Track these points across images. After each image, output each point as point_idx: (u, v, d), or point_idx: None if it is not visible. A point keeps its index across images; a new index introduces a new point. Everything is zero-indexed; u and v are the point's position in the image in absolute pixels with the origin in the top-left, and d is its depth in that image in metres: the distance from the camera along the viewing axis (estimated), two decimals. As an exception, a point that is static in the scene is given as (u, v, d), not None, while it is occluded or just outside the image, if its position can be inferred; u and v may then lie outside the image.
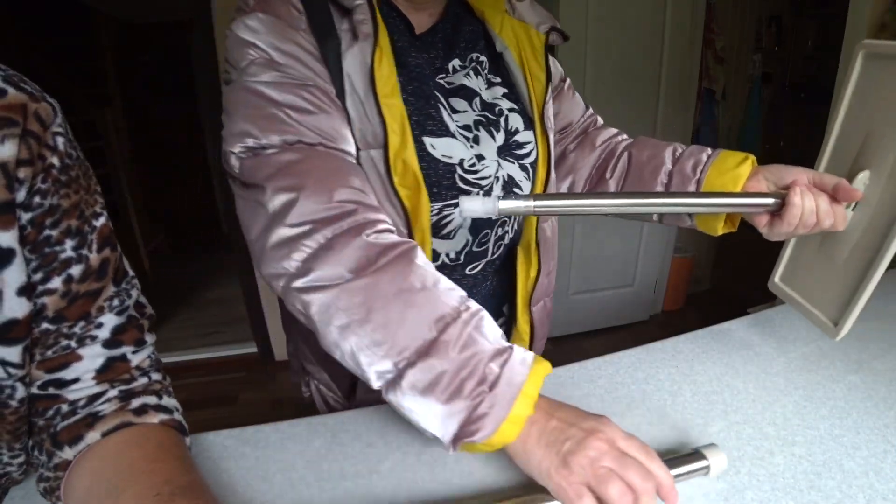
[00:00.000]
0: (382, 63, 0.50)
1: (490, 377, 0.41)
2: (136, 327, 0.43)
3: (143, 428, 0.40)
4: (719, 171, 0.59)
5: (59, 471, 0.38)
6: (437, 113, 0.55)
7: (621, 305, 2.57)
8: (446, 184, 0.55)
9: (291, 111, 0.47)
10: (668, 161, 0.65)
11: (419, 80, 0.55)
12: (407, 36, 0.58)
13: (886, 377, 0.62)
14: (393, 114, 0.50)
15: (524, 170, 0.62)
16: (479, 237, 0.61)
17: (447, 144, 0.55)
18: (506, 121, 0.61)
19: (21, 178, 0.33)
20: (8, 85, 0.33)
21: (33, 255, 0.35)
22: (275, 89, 0.47)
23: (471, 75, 0.60)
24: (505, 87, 0.63)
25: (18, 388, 0.36)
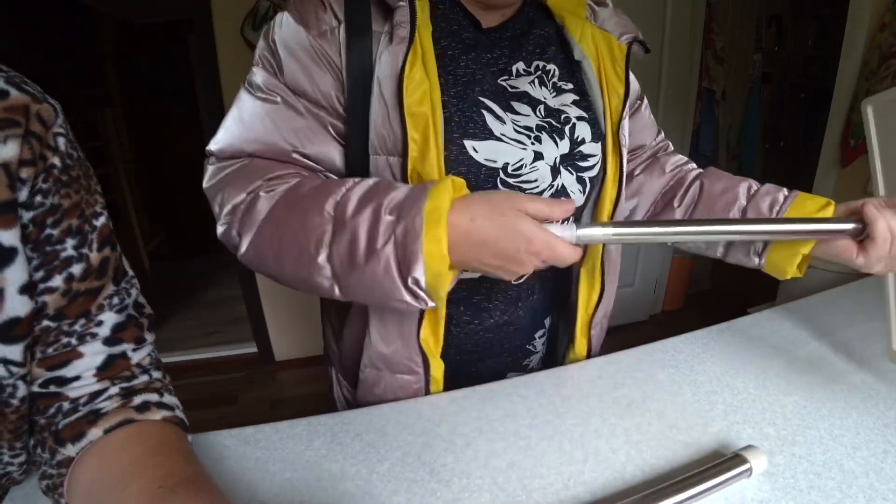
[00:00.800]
0: (415, 68, 0.49)
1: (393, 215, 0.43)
2: (136, 325, 0.43)
3: (146, 424, 0.40)
4: (799, 213, 0.56)
5: (61, 468, 0.39)
6: (480, 117, 0.53)
7: (621, 305, 2.57)
8: (487, 188, 0.53)
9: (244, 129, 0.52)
10: (743, 197, 0.62)
11: (465, 86, 0.53)
12: (471, 31, 0.57)
13: (886, 377, 0.62)
14: (417, 123, 0.49)
15: (581, 182, 0.59)
16: None
17: (491, 147, 0.53)
18: (572, 129, 0.58)
19: (23, 177, 0.33)
20: (10, 86, 0.33)
21: (35, 253, 0.35)
22: (254, 100, 0.52)
23: (535, 84, 0.58)
24: (577, 95, 0.60)
25: (20, 387, 0.37)
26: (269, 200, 0.48)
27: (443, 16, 0.55)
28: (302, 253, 0.45)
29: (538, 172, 0.55)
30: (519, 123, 0.55)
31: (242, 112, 0.52)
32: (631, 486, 0.46)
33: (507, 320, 0.64)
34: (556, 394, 0.61)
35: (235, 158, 0.53)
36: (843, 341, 0.71)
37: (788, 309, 0.81)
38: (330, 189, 0.46)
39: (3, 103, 0.32)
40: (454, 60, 0.54)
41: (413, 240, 0.41)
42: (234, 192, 0.50)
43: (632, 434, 0.53)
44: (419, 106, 0.49)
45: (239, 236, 0.50)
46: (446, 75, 0.53)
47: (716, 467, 0.44)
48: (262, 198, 0.48)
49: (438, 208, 0.41)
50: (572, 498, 0.45)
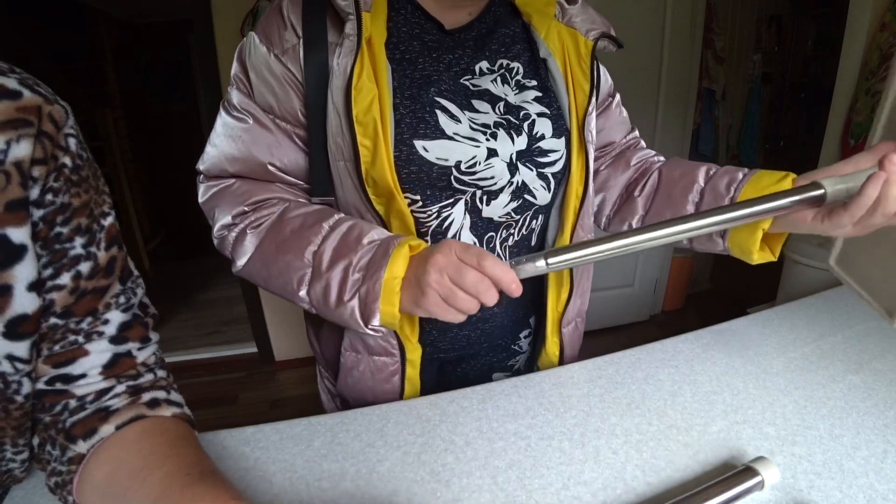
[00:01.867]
0: (362, 77, 0.51)
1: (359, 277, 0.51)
2: (142, 325, 0.43)
3: (158, 420, 0.41)
4: (755, 189, 0.55)
5: (72, 464, 0.39)
6: (433, 117, 0.54)
7: (621, 305, 2.57)
8: (441, 185, 0.55)
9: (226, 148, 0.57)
10: (701, 179, 0.62)
11: (421, 87, 0.55)
12: (434, 34, 0.57)
13: (886, 377, 0.62)
14: (366, 130, 0.51)
15: (543, 179, 0.60)
16: (485, 240, 0.60)
17: (442, 147, 0.54)
18: (531, 125, 0.59)
19: (35, 176, 0.34)
20: (24, 87, 0.34)
21: (44, 251, 0.36)
22: (231, 119, 0.57)
23: (497, 82, 0.59)
24: (540, 91, 0.61)
25: (25, 384, 0.37)
26: (256, 237, 0.56)
27: (404, 21, 0.56)
28: (286, 285, 0.54)
29: (493, 169, 0.56)
30: (476, 121, 0.56)
31: (221, 131, 0.58)
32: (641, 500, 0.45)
33: (481, 315, 0.65)
34: (556, 394, 0.61)
35: (221, 178, 0.59)
36: (843, 341, 0.71)
37: (788, 309, 0.81)
38: (308, 237, 0.53)
39: (16, 104, 0.33)
40: (412, 63, 0.56)
41: (373, 301, 0.49)
42: (222, 213, 0.58)
43: (632, 434, 0.53)
44: (367, 114, 0.51)
45: (232, 258, 0.58)
46: (402, 79, 0.54)
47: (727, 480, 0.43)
48: (249, 234, 0.56)
49: (394, 278, 0.49)
50: (572, 498, 0.45)
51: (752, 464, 0.45)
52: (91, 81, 3.25)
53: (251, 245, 0.56)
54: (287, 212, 0.56)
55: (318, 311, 0.54)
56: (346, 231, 0.53)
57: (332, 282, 0.51)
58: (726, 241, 0.58)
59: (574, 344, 0.73)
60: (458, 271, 0.46)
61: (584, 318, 0.74)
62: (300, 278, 0.53)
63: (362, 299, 0.50)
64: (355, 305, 0.51)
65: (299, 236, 0.54)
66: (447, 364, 0.72)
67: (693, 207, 0.62)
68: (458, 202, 0.57)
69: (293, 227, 0.54)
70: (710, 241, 0.60)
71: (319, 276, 0.52)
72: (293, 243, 0.54)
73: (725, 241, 0.58)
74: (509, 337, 0.71)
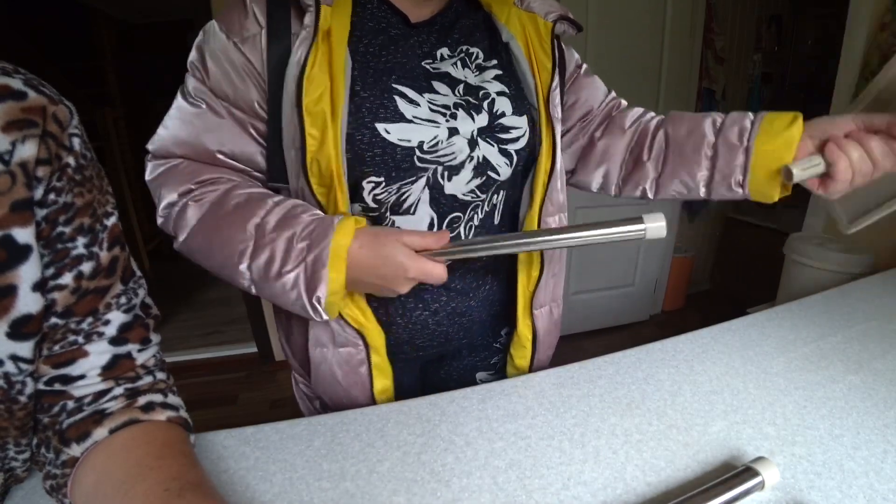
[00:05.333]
0: (315, 68, 0.52)
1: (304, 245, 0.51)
2: (142, 326, 0.43)
3: (151, 425, 0.41)
4: (769, 135, 0.57)
5: (66, 468, 0.39)
6: (391, 103, 0.55)
7: (621, 305, 2.57)
8: (405, 166, 0.56)
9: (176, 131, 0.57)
10: (710, 133, 0.62)
11: (381, 75, 0.56)
12: (399, 28, 0.59)
13: (886, 377, 0.62)
14: (314, 121, 0.52)
15: (505, 154, 0.60)
16: (450, 220, 0.60)
17: (402, 129, 0.55)
18: (491, 104, 0.60)
19: (39, 176, 0.34)
20: (29, 88, 0.34)
21: (46, 250, 0.36)
22: (185, 104, 0.56)
23: (457, 66, 0.60)
24: (500, 70, 0.62)
25: (28, 384, 0.37)
26: (198, 209, 0.55)
27: (370, 15, 0.57)
28: (227, 259, 0.54)
29: (455, 146, 0.57)
30: (436, 103, 0.57)
31: (175, 114, 0.57)
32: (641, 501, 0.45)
33: (456, 308, 0.65)
34: (556, 394, 0.61)
35: (168, 158, 0.58)
36: (843, 341, 0.71)
37: (788, 309, 0.81)
38: (252, 210, 0.53)
39: (21, 104, 0.33)
40: (375, 56, 0.56)
41: (320, 267, 0.50)
42: (168, 191, 0.57)
43: (632, 434, 0.53)
44: (317, 105, 0.52)
45: (174, 233, 0.57)
46: (364, 70, 0.55)
47: (727, 481, 0.43)
48: (191, 206, 0.55)
49: (342, 245, 0.50)
50: (572, 498, 0.45)
51: (753, 464, 0.45)
52: (91, 81, 3.24)
53: (193, 218, 0.55)
54: (233, 188, 0.56)
55: (258, 290, 0.54)
56: (291, 206, 0.54)
57: (276, 251, 0.51)
58: (746, 188, 0.61)
59: (549, 331, 0.72)
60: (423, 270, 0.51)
61: (559, 304, 0.73)
62: (241, 251, 0.53)
63: (308, 266, 0.50)
64: (300, 273, 0.51)
65: (243, 209, 0.54)
66: (429, 364, 0.71)
67: (708, 162, 0.63)
68: (420, 179, 0.57)
69: (238, 202, 0.54)
70: (730, 190, 0.62)
71: (262, 247, 0.52)
72: (236, 216, 0.53)
73: (745, 188, 0.61)
74: (489, 334, 0.71)
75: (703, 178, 0.63)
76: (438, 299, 0.64)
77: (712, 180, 0.63)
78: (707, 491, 0.43)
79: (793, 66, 2.98)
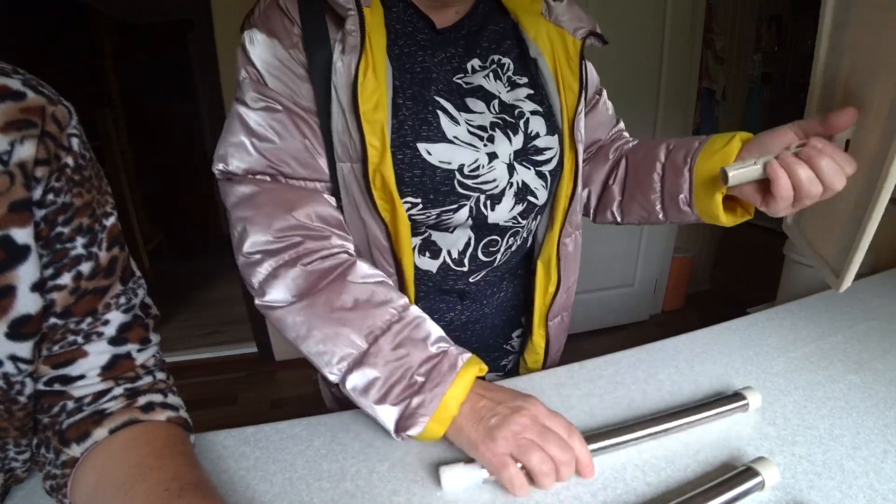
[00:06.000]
0: (368, 76, 0.49)
1: (416, 384, 0.47)
2: (142, 326, 0.43)
3: (150, 425, 0.41)
4: (707, 154, 0.57)
5: (66, 468, 0.39)
6: (435, 118, 0.53)
7: (621, 305, 2.57)
8: (444, 190, 0.54)
9: (257, 140, 0.51)
10: (662, 156, 0.63)
11: (422, 85, 0.54)
12: (426, 33, 0.57)
13: (886, 377, 0.62)
14: (374, 129, 0.50)
15: (541, 177, 0.60)
16: (487, 242, 0.60)
17: (445, 150, 0.53)
18: (526, 123, 0.58)
19: (38, 177, 0.34)
20: (28, 88, 0.34)
21: (45, 250, 0.36)
22: (253, 113, 0.51)
23: (490, 78, 0.58)
24: (531, 89, 0.60)
25: (28, 384, 0.37)
26: (304, 280, 0.50)
27: (397, 19, 0.55)
28: (323, 355, 0.49)
29: (496, 172, 0.56)
30: (473, 123, 0.55)
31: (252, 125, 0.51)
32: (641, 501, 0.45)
33: (470, 317, 0.65)
34: (555, 394, 0.61)
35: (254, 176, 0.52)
36: (843, 341, 0.71)
37: (788, 309, 0.81)
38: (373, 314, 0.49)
39: (20, 104, 0.33)
40: (411, 57, 0.54)
41: (423, 414, 0.46)
42: (258, 229, 0.50)
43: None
44: (374, 113, 0.50)
45: (259, 289, 0.51)
46: (403, 75, 0.53)
47: (727, 481, 0.43)
48: (296, 271, 0.50)
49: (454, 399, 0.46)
50: (572, 498, 0.45)
51: (753, 464, 0.45)
52: (91, 82, 3.24)
53: (295, 286, 0.50)
54: (352, 271, 0.51)
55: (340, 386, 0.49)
56: (414, 324, 0.50)
57: (383, 376, 0.47)
58: (693, 207, 0.60)
59: (560, 336, 0.73)
60: (543, 435, 0.44)
61: (569, 311, 0.74)
62: (344, 355, 0.48)
63: (411, 407, 0.46)
64: (398, 410, 0.47)
65: (363, 310, 0.49)
66: None
67: (658, 185, 0.63)
68: (462, 208, 0.56)
69: (359, 297, 0.50)
70: (681, 212, 0.62)
71: (370, 364, 0.48)
72: (354, 316, 0.49)
73: (692, 207, 0.60)
74: (501, 337, 0.71)
75: (657, 199, 0.64)
76: (454, 308, 0.63)
77: (664, 201, 0.63)
78: (707, 491, 0.43)
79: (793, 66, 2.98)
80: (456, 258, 0.60)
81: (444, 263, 0.60)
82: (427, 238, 0.58)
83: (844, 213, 0.50)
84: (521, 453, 0.43)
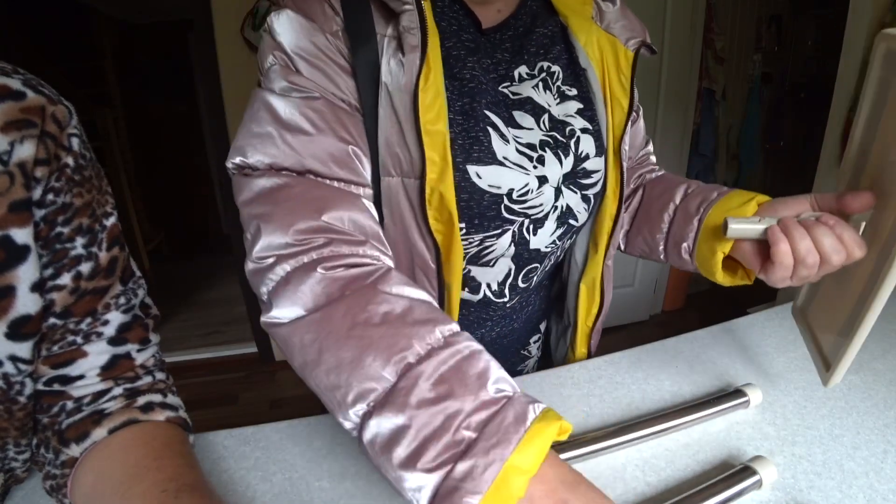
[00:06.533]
0: (429, 82, 0.44)
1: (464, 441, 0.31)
2: (142, 326, 0.43)
3: (150, 425, 0.41)
4: (721, 210, 0.53)
5: (65, 468, 0.39)
6: (486, 136, 0.48)
7: (621, 305, 2.57)
8: (490, 215, 0.50)
9: (288, 133, 0.43)
10: (678, 197, 0.60)
11: (471, 96, 0.48)
12: (471, 33, 0.51)
13: (886, 377, 0.62)
14: (434, 143, 0.44)
15: (586, 201, 0.56)
16: (527, 271, 0.58)
17: (495, 173, 0.48)
18: (577, 143, 0.54)
19: (38, 177, 0.34)
20: (28, 88, 0.34)
21: (44, 250, 0.36)
22: (283, 102, 0.43)
23: (539, 88, 0.53)
24: (581, 103, 0.56)
25: (27, 384, 0.37)
26: (325, 287, 0.38)
27: (442, 14, 0.50)
28: (334, 390, 0.35)
29: (544, 196, 0.52)
30: (521, 141, 0.51)
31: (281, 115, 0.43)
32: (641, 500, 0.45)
33: (500, 333, 0.64)
34: (555, 394, 0.60)
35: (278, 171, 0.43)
36: (843, 341, 0.71)
37: (788, 309, 0.81)
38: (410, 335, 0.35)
39: (20, 104, 0.33)
40: (460, 61, 0.49)
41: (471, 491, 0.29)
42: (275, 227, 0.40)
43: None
44: (435, 124, 0.44)
45: (269, 301, 0.40)
46: (452, 81, 0.48)
47: (725, 480, 0.43)
48: (317, 276, 0.38)
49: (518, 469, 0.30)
50: (572, 498, 0.45)
51: (750, 463, 0.45)
52: (91, 82, 3.24)
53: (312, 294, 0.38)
54: (384, 280, 0.39)
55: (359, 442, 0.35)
56: (468, 354, 0.35)
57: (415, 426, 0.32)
58: (693, 259, 0.56)
59: (596, 345, 0.72)
60: None
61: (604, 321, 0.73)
62: (364, 392, 0.34)
63: (454, 478, 0.30)
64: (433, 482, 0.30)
65: (396, 330, 0.35)
66: None
67: (666, 226, 0.61)
68: (506, 233, 0.52)
69: (390, 311, 0.36)
70: (681, 259, 0.59)
71: (400, 406, 0.33)
72: (381, 335, 0.35)
73: (693, 259, 0.56)
74: (520, 343, 0.70)
75: (661, 240, 0.62)
76: (484, 325, 0.61)
77: (668, 244, 0.61)
78: (704, 490, 0.43)
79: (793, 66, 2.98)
80: (496, 290, 0.58)
81: (485, 297, 0.58)
82: (467, 274, 0.55)
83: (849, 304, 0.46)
84: None
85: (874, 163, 0.45)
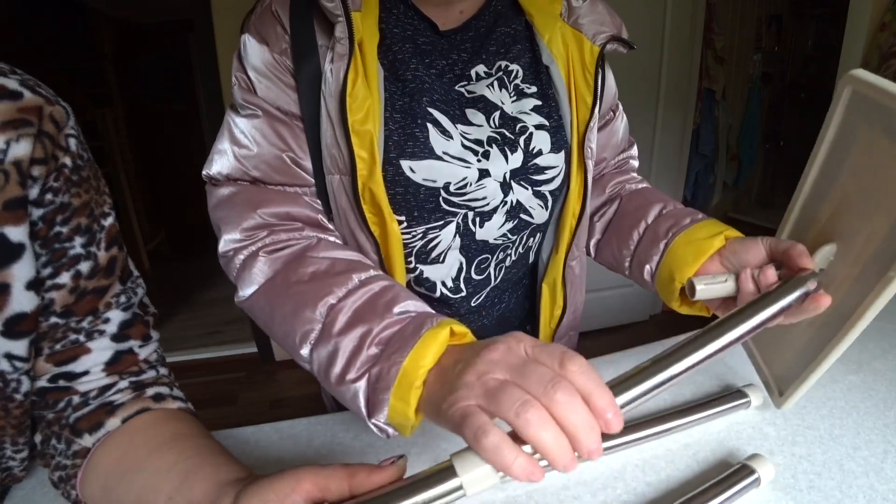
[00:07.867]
0: (357, 85, 0.48)
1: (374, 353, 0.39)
2: (143, 323, 0.44)
3: (164, 412, 0.41)
4: (687, 239, 0.52)
5: (77, 458, 0.39)
6: (423, 133, 0.51)
7: (621, 305, 2.57)
8: (429, 207, 0.52)
9: (237, 147, 0.51)
10: (651, 217, 0.59)
11: (412, 95, 0.51)
12: (427, 36, 0.53)
13: (886, 377, 0.62)
14: (363, 141, 0.48)
15: (540, 197, 0.56)
16: (478, 262, 0.58)
17: (429, 167, 0.51)
18: (528, 140, 0.54)
19: (35, 175, 0.34)
20: (25, 88, 0.34)
21: (43, 250, 0.36)
22: (239, 119, 0.51)
23: (494, 87, 0.55)
24: (539, 100, 0.56)
25: (24, 382, 0.37)
26: (269, 266, 0.47)
27: (396, 21, 0.52)
28: (288, 336, 0.45)
29: (485, 190, 0.53)
30: (468, 136, 0.52)
31: (229, 131, 0.52)
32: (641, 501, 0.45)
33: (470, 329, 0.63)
34: (556, 394, 0.60)
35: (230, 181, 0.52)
36: (843, 341, 0.71)
37: (788, 309, 0.81)
38: (330, 284, 0.43)
39: (17, 104, 0.33)
40: (404, 64, 0.51)
41: (382, 389, 0.36)
42: (230, 227, 0.50)
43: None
44: (363, 124, 0.48)
45: (236, 284, 0.50)
46: (395, 83, 0.51)
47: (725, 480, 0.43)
48: (261, 260, 0.48)
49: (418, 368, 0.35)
50: (572, 498, 0.45)
51: (748, 461, 0.45)
52: (91, 81, 3.24)
53: (260, 275, 0.47)
54: (313, 248, 0.48)
55: (322, 383, 0.43)
56: (378, 291, 0.43)
57: (341, 349, 0.40)
58: (654, 284, 0.56)
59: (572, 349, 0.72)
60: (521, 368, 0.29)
61: (577, 328, 0.72)
62: (305, 333, 0.43)
63: (371, 383, 0.38)
64: (361, 388, 0.38)
65: (320, 282, 0.44)
66: None
67: (634, 244, 0.59)
68: (449, 224, 0.54)
69: (316, 269, 0.46)
70: (643, 279, 0.58)
71: (329, 337, 0.41)
72: (309, 289, 0.44)
73: (654, 283, 0.56)
74: None
75: (628, 256, 0.60)
76: None
77: (632, 263, 0.60)
78: (703, 490, 0.43)
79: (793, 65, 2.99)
80: (451, 286, 0.58)
81: (442, 295, 0.58)
82: (419, 276, 0.57)
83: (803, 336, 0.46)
84: (490, 400, 0.29)
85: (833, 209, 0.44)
